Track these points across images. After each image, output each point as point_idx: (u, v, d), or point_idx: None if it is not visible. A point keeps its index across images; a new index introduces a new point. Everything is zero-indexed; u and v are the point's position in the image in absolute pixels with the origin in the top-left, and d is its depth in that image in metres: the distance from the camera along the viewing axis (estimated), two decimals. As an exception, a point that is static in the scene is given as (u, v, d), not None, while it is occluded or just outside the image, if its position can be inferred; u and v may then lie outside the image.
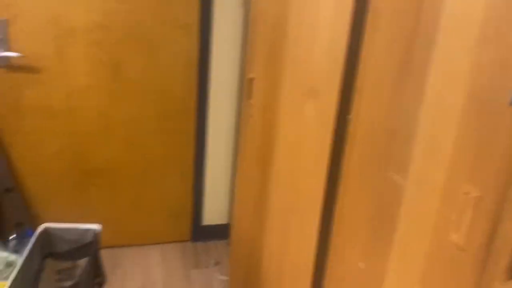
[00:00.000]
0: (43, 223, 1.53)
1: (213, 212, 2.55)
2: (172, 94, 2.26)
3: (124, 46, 2.12)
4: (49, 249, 1.48)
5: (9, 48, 1.98)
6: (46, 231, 1.48)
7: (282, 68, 1.38)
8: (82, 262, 1.46)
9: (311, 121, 1.23)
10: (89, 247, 1.48)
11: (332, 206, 1.16)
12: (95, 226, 1.51)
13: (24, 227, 2.14)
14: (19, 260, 1.63)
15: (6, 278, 1.58)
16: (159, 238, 2.50)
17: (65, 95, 2.12)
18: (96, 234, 1.49)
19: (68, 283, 1.39)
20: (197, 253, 2.46)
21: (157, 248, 2.45)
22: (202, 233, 2.56)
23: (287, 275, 1.43)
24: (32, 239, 1.42)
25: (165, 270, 2.27)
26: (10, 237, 2.08)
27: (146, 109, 2.24)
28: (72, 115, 2.16)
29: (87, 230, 1.50)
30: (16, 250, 1.97)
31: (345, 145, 1.09)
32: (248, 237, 1.72)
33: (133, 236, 2.45)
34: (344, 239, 1.11)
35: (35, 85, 2.07)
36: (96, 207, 2.32)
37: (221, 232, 2.56)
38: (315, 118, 1.21)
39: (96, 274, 1.43)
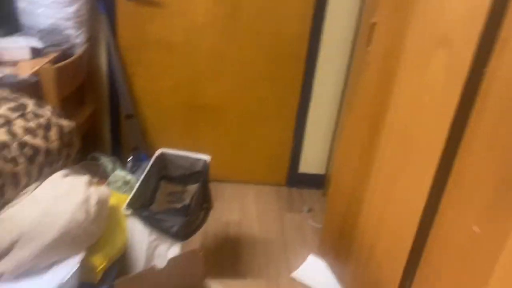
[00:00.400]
0: (155, 150, 1.65)
1: (311, 161, 2.56)
2: (284, 38, 2.24)
3: (243, -15, 2.13)
4: (164, 172, 1.61)
5: (138, -18, 2.09)
6: (162, 155, 1.61)
7: (410, 13, 1.28)
8: (192, 187, 1.57)
9: (438, 72, 1.14)
10: (199, 175, 1.58)
11: (449, 165, 1.09)
12: (205, 157, 1.60)
13: (140, 151, 2.35)
14: (136, 179, 1.80)
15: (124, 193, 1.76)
16: (256, 178, 2.59)
17: (183, 31, 2.20)
18: (206, 164, 1.59)
19: (179, 205, 1.51)
20: (292, 198, 2.51)
21: (253, 188, 2.55)
22: (297, 180, 2.60)
23: (386, 231, 1.40)
24: (150, 161, 1.55)
25: (260, 209, 2.37)
26: (128, 159, 2.31)
27: (257, 51, 2.26)
28: (188, 51, 2.25)
29: (198, 160, 1.60)
30: (133, 171, 2.19)
31: (476, 100, 1.00)
32: (347, 190, 1.71)
33: (232, 173, 2.56)
34: (458, 200, 1.04)
35: (157, 19, 2.18)
36: (202, 141, 2.46)
37: (316, 181, 2.57)
38: (444, 68, 1.12)
39: (204, 200, 1.54)
